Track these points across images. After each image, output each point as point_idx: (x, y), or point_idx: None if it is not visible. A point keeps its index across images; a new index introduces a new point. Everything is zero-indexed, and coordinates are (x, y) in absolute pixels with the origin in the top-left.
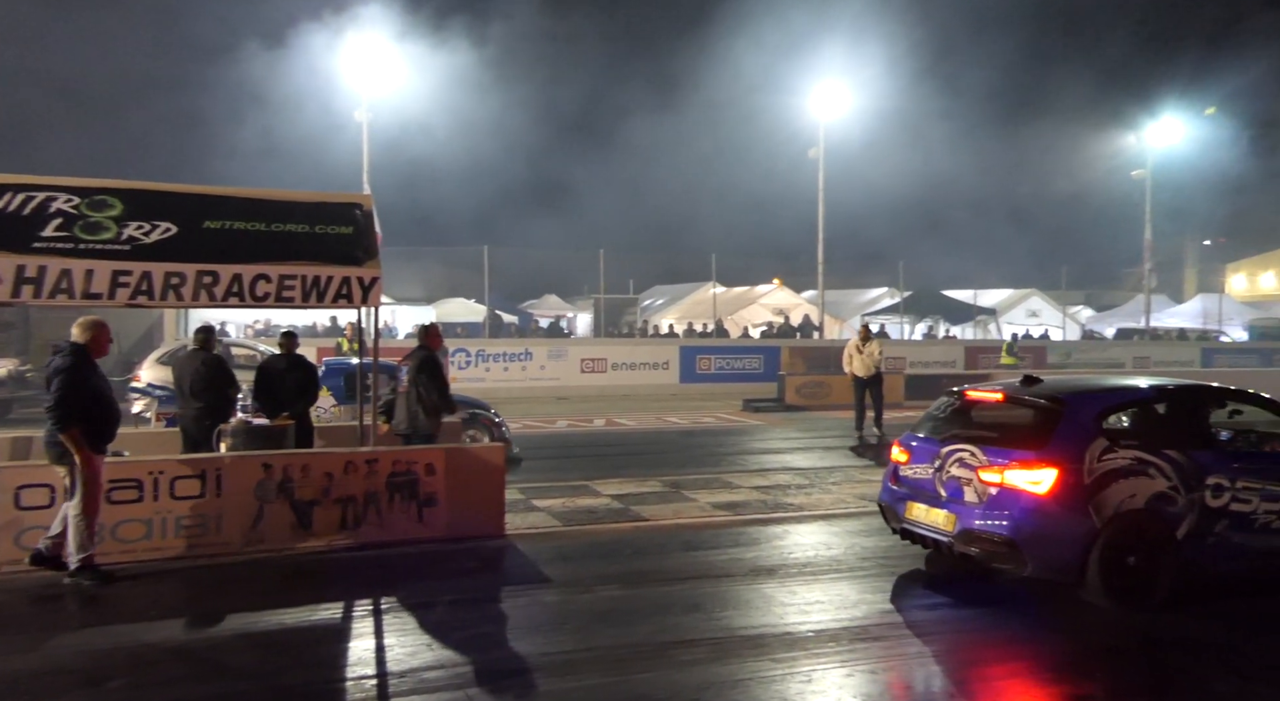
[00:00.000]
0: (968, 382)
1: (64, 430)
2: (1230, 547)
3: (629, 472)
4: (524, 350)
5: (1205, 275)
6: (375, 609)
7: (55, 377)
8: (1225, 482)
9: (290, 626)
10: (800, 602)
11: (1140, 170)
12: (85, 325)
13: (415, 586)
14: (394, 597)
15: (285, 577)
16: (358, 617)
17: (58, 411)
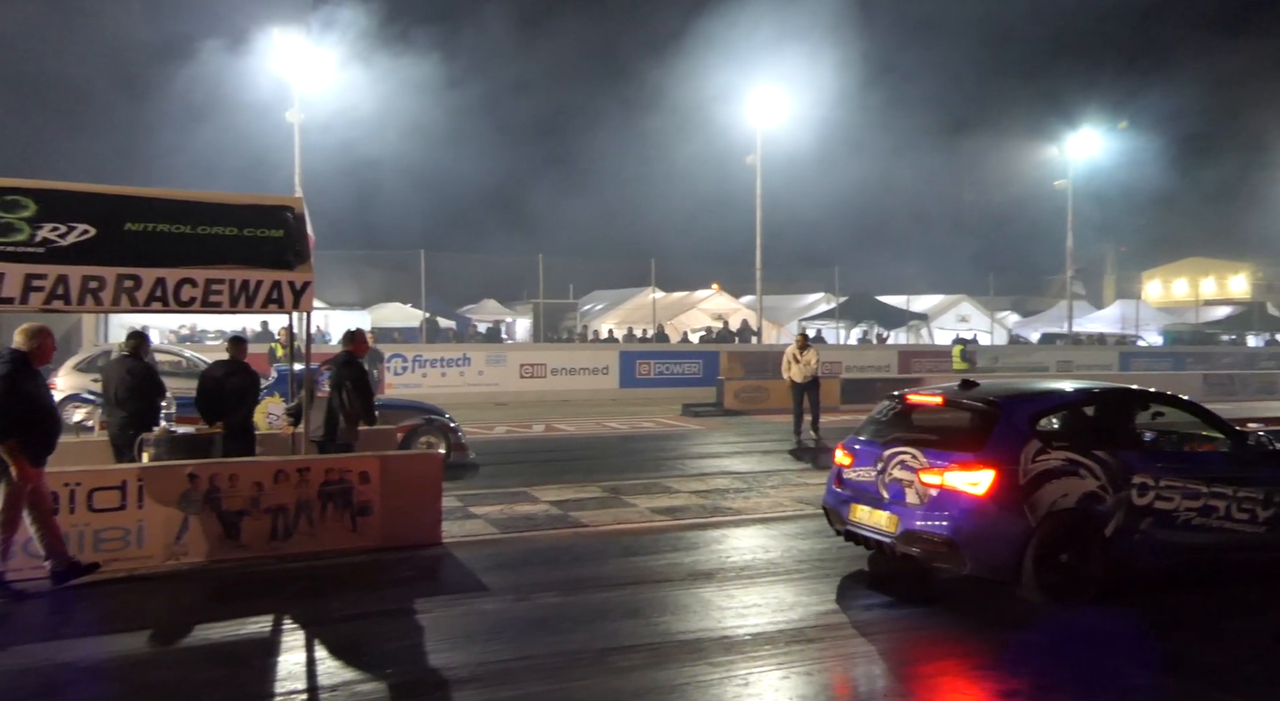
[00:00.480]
0: (901, 387)
1: (1, 440)
2: (1154, 544)
3: (568, 478)
4: (462, 355)
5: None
6: (306, 621)
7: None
8: (1150, 481)
9: (216, 641)
10: (738, 606)
11: (1062, 181)
12: (28, 332)
13: (348, 597)
14: (326, 609)
15: (211, 591)
16: (288, 630)
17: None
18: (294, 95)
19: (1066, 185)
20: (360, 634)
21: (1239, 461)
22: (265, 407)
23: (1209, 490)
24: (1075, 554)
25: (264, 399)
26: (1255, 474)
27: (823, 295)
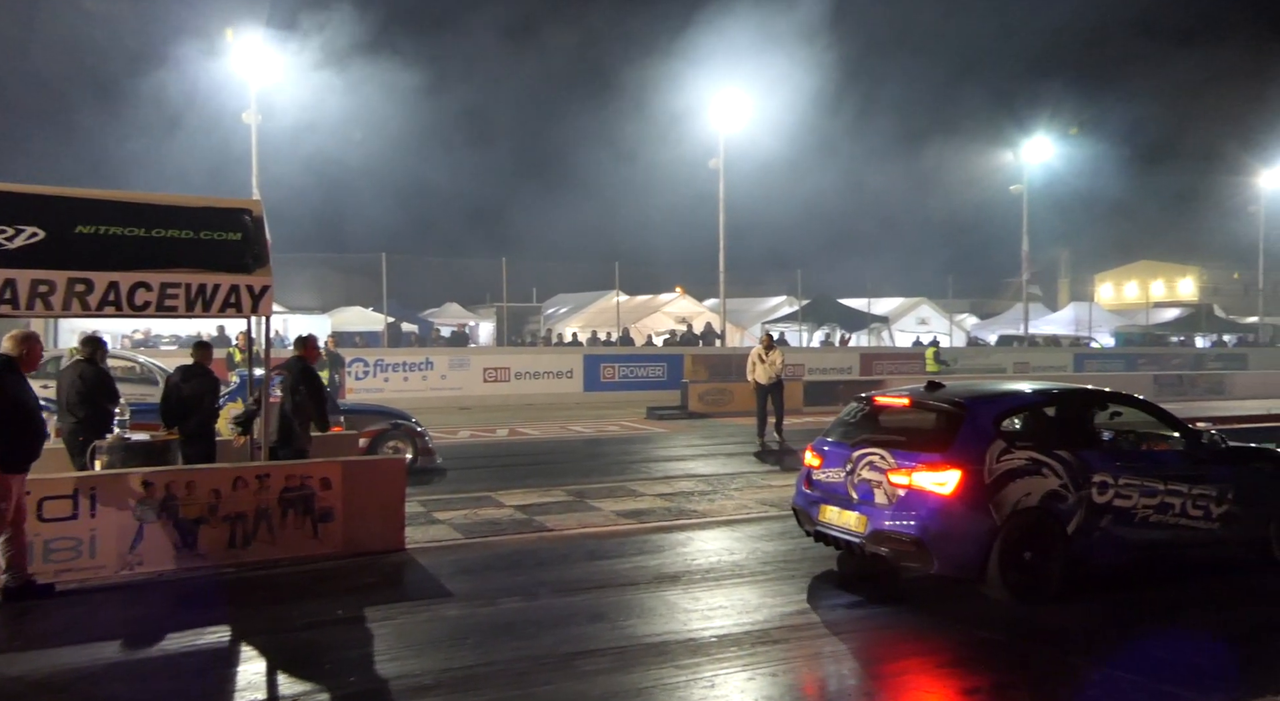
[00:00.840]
0: (863, 389)
1: None
2: (1113, 541)
3: (533, 483)
4: (424, 359)
5: (1077, 285)
6: (266, 629)
7: None
8: (1109, 480)
9: (172, 652)
10: (703, 608)
11: (1018, 185)
12: (16, 338)
13: (309, 605)
14: (287, 617)
15: (167, 601)
16: (247, 639)
17: None
18: (251, 96)
19: (1022, 190)
20: (321, 641)
21: (1193, 459)
22: (228, 413)
23: (1165, 488)
24: (1038, 552)
25: (226, 404)
26: (1208, 472)
27: (785, 298)
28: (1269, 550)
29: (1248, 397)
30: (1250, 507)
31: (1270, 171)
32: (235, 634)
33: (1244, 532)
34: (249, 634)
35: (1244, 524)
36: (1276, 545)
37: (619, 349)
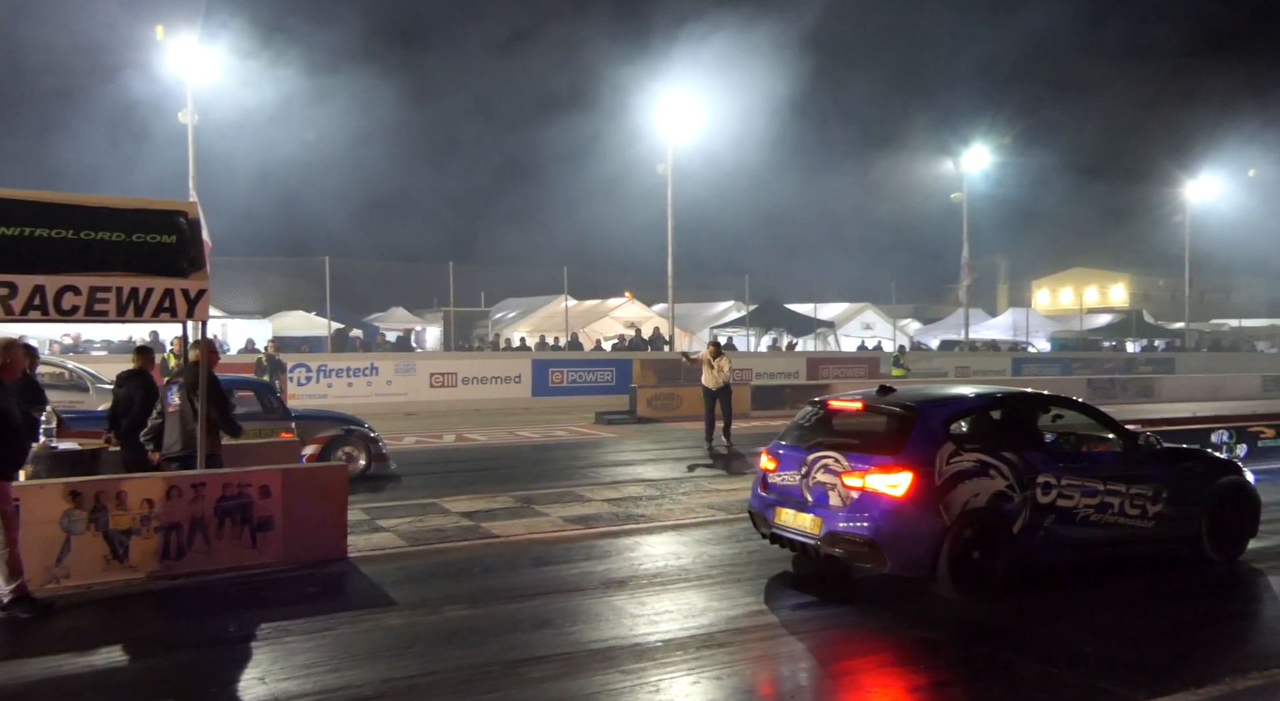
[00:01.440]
0: (810, 393)
1: None
2: (1056, 540)
3: (480, 489)
4: (369, 365)
5: (1015, 291)
6: (200, 642)
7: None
8: (1053, 481)
9: (100, 668)
10: (649, 613)
11: (958, 194)
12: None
13: (247, 616)
14: (222, 628)
15: (94, 615)
16: (179, 652)
17: None
18: (188, 95)
19: (962, 198)
20: (258, 653)
21: (1131, 460)
22: None
23: (1105, 488)
24: (986, 551)
25: None
26: (1145, 472)
27: (734, 303)
28: (1200, 546)
29: (1175, 400)
30: (1183, 506)
31: (1195, 183)
32: (167, 647)
33: (1178, 530)
34: (181, 646)
35: (1177, 522)
36: (1208, 541)
37: (567, 354)
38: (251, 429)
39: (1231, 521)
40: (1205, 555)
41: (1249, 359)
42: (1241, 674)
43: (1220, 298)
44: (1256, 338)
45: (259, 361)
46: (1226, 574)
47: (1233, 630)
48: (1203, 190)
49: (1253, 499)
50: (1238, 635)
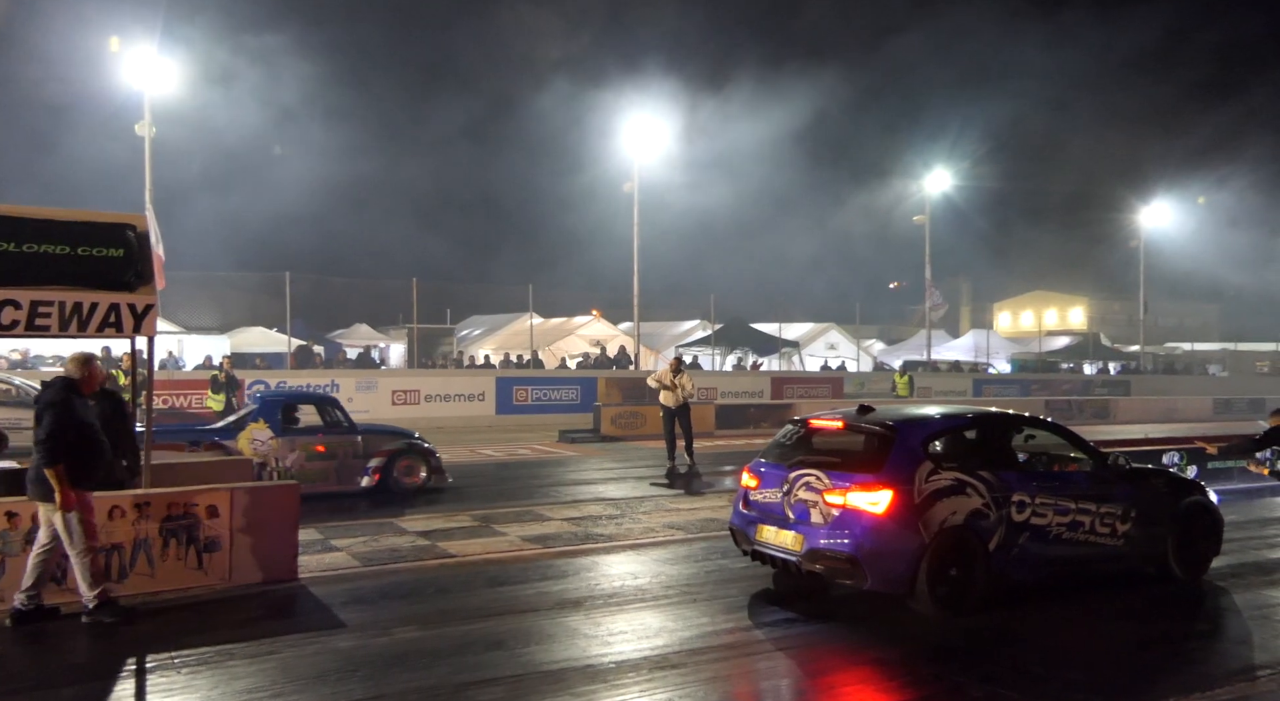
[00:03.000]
0: (773, 412)
1: (51, 465)
2: (1030, 557)
3: (438, 507)
4: (330, 381)
5: (977, 313)
6: (139, 669)
7: (46, 412)
8: (1027, 499)
9: (26, 695)
10: (604, 634)
11: (921, 217)
12: (78, 360)
13: (189, 639)
14: (163, 654)
15: (26, 642)
16: (116, 678)
17: (48, 446)
18: (145, 107)
19: (925, 222)
20: (199, 678)
21: (1101, 480)
22: (250, 433)
23: (1076, 506)
24: (963, 568)
25: (249, 425)
26: (1114, 491)
27: (699, 322)
28: (1167, 565)
29: (1130, 422)
30: (1151, 526)
31: (1149, 209)
32: (103, 671)
33: (1146, 549)
34: (118, 671)
35: (1145, 541)
36: (1174, 560)
37: (532, 371)
38: (318, 441)
39: (1197, 540)
40: (1172, 573)
41: (1201, 382)
42: (1185, 694)
43: (1174, 322)
44: (1208, 361)
45: (214, 378)
46: (1191, 592)
47: (1188, 650)
48: (1156, 217)
49: (1216, 518)
50: (1191, 655)
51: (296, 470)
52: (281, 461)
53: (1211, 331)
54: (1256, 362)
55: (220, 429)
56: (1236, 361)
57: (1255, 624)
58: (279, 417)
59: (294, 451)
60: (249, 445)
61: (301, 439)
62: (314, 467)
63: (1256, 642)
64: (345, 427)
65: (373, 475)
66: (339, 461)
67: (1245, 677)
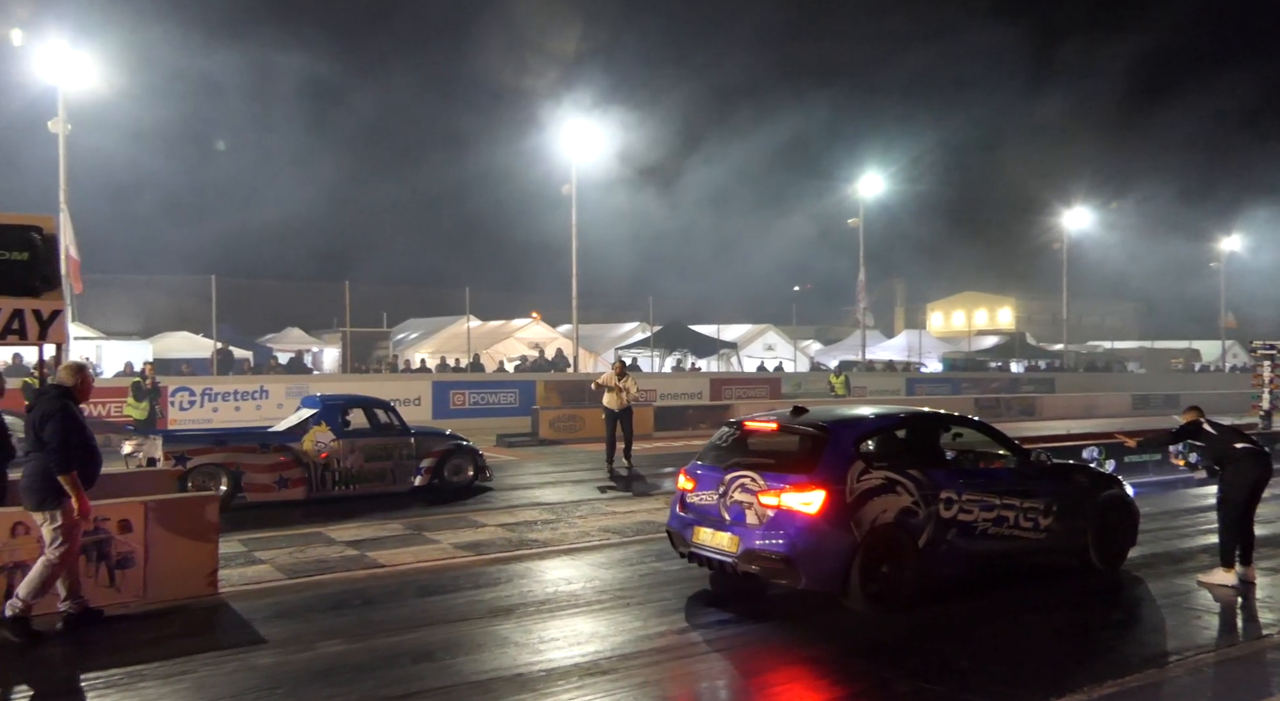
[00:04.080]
0: (711, 413)
1: (65, 472)
2: (958, 553)
3: (368, 516)
4: (259, 387)
5: (911, 313)
6: (45, 691)
7: (49, 421)
8: (954, 496)
9: None
10: (535, 642)
11: (855, 219)
12: (71, 369)
13: (97, 661)
14: (69, 675)
15: None
16: None
17: (60, 455)
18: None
19: (859, 224)
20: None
21: (1024, 476)
22: (314, 435)
23: (1001, 502)
24: (894, 565)
25: (312, 428)
26: (1037, 487)
27: (638, 324)
28: (1087, 557)
29: (1054, 418)
30: (1071, 519)
31: (1071, 213)
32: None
33: (1067, 541)
34: (20, 696)
35: (1067, 534)
36: (1094, 551)
37: (469, 375)
38: (375, 444)
39: (1115, 532)
40: (1092, 565)
41: (1121, 379)
42: (1098, 683)
43: (1096, 321)
44: (1127, 359)
45: (136, 384)
46: (1110, 582)
47: (1105, 639)
48: (1078, 221)
49: (1133, 511)
50: (1107, 644)
51: (356, 470)
52: (342, 462)
53: (1131, 330)
54: (1171, 360)
55: (285, 432)
56: (1153, 359)
57: (1168, 612)
58: (339, 420)
59: (353, 452)
60: (313, 446)
61: (361, 440)
62: (372, 468)
63: (1169, 630)
64: (399, 430)
65: (425, 474)
66: (394, 462)
67: (1157, 664)
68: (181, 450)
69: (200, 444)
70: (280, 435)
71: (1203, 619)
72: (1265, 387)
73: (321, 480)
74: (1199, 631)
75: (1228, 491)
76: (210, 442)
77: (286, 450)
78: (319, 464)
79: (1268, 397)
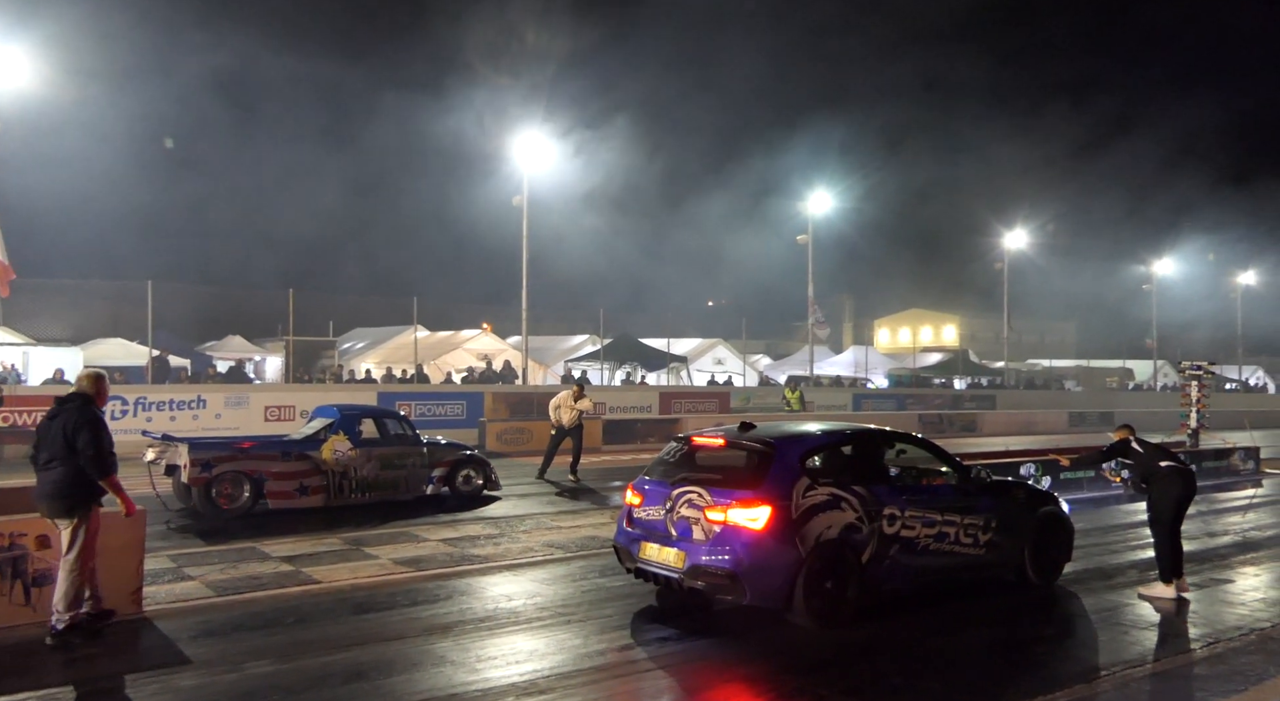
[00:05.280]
0: (660, 427)
1: (107, 475)
2: (900, 568)
3: (306, 530)
4: (196, 397)
5: (859, 329)
6: None
7: (83, 429)
8: (897, 512)
9: None
10: (472, 660)
11: (804, 236)
12: (91, 377)
13: (6, 683)
14: None
15: None
16: None
17: (102, 460)
18: None
19: (808, 241)
20: None
21: (964, 492)
22: (333, 444)
23: (942, 518)
24: (837, 580)
25: (330, 438)
26: (977, 503)
27: (588, 337)
28: (1025, 572)
29: (995, 434)
30: (1010, 535)
31: (1012, 235)
32: None
33: (1005, 556)
34: None
35: (1005, 549)
36: (1030, 566)
37: (415, 386)
38: (390, 454)
39: (1050, 548)
40: (1029, 579)
41: (1058, 396)
42: (1030, 698)
43: (1036, 339)
44: (1065, 377)
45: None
46: (1045, 597)
47: (1038, 654)
48: (1018, 242)
49: (1068, 527)
50: (1041, 659)
51: (372, 478)
52: (359, 470)
53: (1069, 348)
54: (1107, 378)
55: (304, 441)
56: (1089, 377)
57: (1100, 627)
58: (357, 430)
59: (370, 461)
60: (331, 455)
61: (377, 450)
62: (387, 476)
63: (1100, 644)
64: (412, 440)
65: (437, 483)
66: (408, 471)
67: (1087, 678)
68: (207, 457)
69: (224, 451)
70: (300, 443)
71: (1132, 633)
72: (1192, 406)
73: (339, 487)
74: (1129, 646)
75: (1155, 509)
76: (234, 450)
77: (306, 458)
78: (337, 472)
79: (1194, 416)
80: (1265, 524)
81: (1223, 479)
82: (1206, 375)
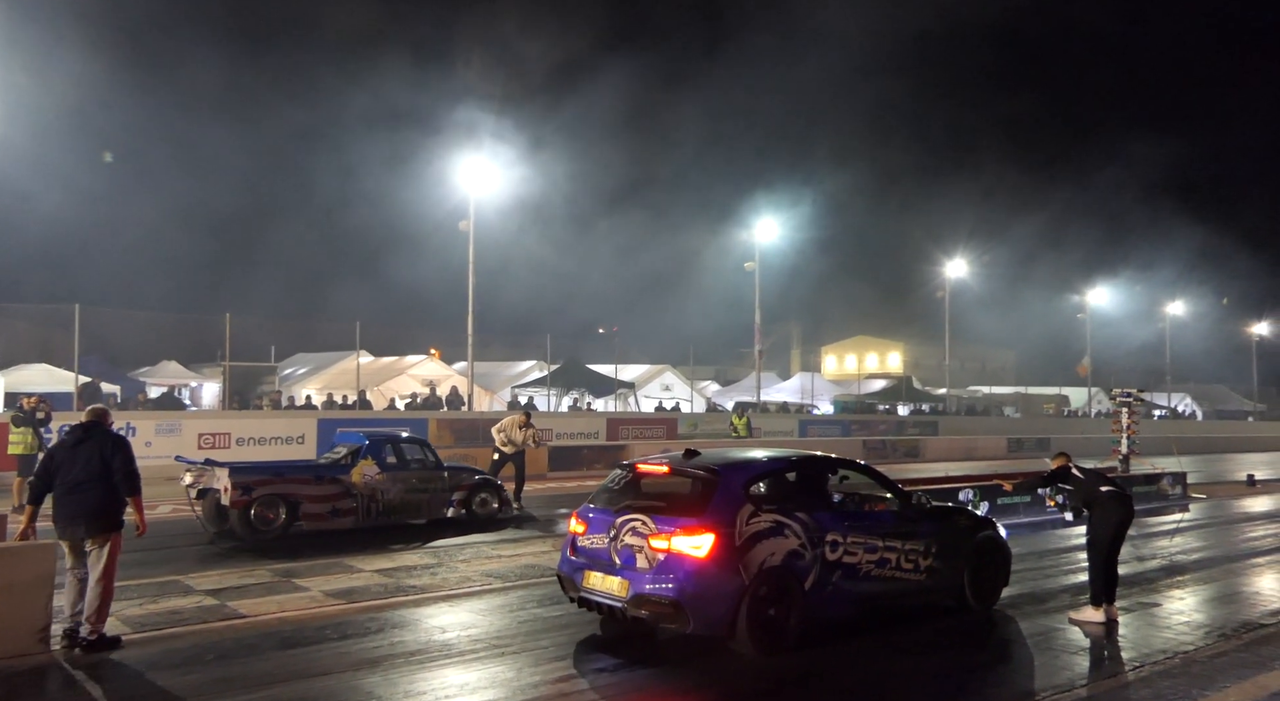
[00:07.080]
0: (607, 453)
1: (138, 494)
2: (842, 594)
3: (234, 563)
4: (125, 424)
5: (806, 356)
6: None
7: (119, 451)
8: (840, 538)
9: None
10: (400, 695)
11: (751, 263)
12: (101, 409)
13: None
14: None
15: None
16: None
17: (134, 480)
18: None
19: (755, 268)
20: None
21: (905, 518)
22: (361, 470)
23: (884, 544)
24: (780, 607)
25: (359, 462)
26: (918, 529)
27: (536, 363)
28: (964, 596)
29: (937, 460)
30: (949, 560)
31: (953, 264)
32: None
33: (945, 582)
34: None
35: (945, 574)
36: (969, 591)
37: (357, 413)
38: (414, 478)
39: (989, 572)
40: (967, 604)
41: (998, 422)
42: None
43: (977, 366)
44: (1004, 403)
45: (14, 416)
46: (983, 621)
47: (974, 680)
48: (959, 271)
49: (1005, 552)
50: (975, 686)
51: (398, 502)
52: (385, 494)
53: (1009, 375)
54: (1044, 405)
55: (335, 465)
56: (1027, 404)
57: (1035, 651)
58: (384, 455)
59: (395, 484)
60: (361, 479)
61: (402, 474)
62: (411, 499)
63: (1035, 669)
64: (434, 464)
65: (457, 506)
66: (430, 494)
67: None
68: (247, 481)
69: (263, 475)
70: (332, 468)
71: (1064, 658)
72: (1123, 432)
73: (368, 510)
74: (1062, 670)
75: (1095, 533)
76: (271, 474)
77: (338, 482)
78: (365, 495)
79: (1125, 442)
80: (1191, 548)
81: (1152, 503)
82: (1137, 402)
